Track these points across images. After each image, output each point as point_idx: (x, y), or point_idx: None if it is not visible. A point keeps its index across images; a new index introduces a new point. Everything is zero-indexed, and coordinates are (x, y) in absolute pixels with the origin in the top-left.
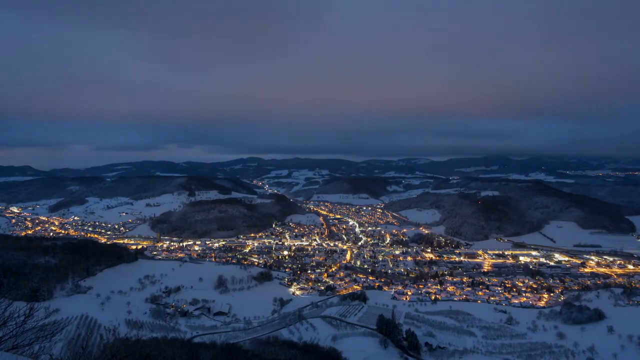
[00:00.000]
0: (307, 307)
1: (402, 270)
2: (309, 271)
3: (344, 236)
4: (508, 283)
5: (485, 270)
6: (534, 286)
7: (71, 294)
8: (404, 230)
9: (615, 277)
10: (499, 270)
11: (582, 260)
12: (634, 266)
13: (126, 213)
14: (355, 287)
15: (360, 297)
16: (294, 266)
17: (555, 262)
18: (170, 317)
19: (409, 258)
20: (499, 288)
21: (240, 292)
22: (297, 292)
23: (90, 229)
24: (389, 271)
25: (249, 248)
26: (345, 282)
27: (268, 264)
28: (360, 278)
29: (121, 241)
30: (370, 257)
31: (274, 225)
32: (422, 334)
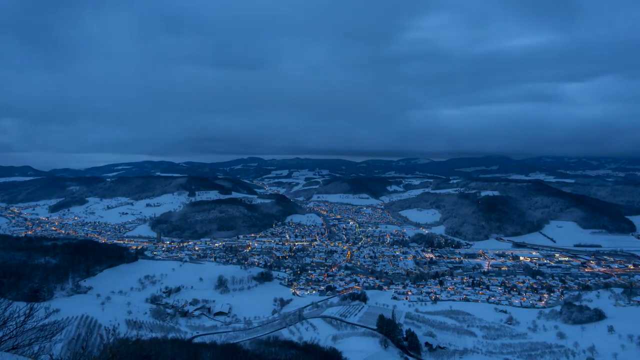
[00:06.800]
0: (307, 307)
1: (402, 270)
2: (309, 271)
3: (344, 236)
4: (508, 283)
5: (486, 270)
6: (534, 286)
7: (71, 294)
8: (404, 230)
9: (615, 277)
10: (499, 270)
11: (582, 260)
12: (634, 266)
13: (126, 213)
14: (355, 287)
15: (360, 297)
16: (294, 266)
17: (556, 262)
18: (171, 317)
19: (409, 258)
20: (499, 288)
21: (240, 292)
22: (298, 292)
23: (90, 229)
24: (389, 271)
25: (249, 248)
26: (346, 282)
27: (268, 264)
28: (361, 278)
29: (121, 241)
30: (371, 257)
31: (274, 225)
32: (422, 334)
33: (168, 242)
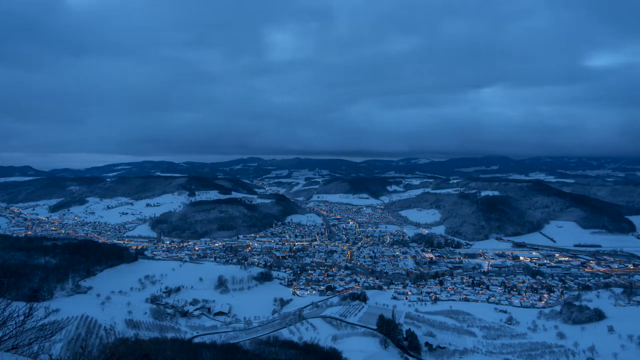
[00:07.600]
0: (307, 307)
1: (402, 270)
2: (309, 271)
3: (344, 236)
4: (508, 283)
5: (486, 270)
6: (534, 286)
7: (71, 294)
8: (404, 230)
9: (615, 277)
10: (499, 270)
11: (582, 260)
12: (634, 266)
13: (126, 213)
14: (355, 287)
15: (360, 297)
16: (294, 266)
17: (556, 262)
18: (171, 317)
19: (409, 258)
20: (499, 288)
21: (240, 292)
22: (298, 292)
23: (90, 229)
24: (389, 271)
25: (249, 248)
26: (346, 282)
27: (268, 264)
28: (361, 278)
29: (121, 241)
30: (371, 257)
31: (274, 225)
32: (422, 334)
33: (168, 242)
